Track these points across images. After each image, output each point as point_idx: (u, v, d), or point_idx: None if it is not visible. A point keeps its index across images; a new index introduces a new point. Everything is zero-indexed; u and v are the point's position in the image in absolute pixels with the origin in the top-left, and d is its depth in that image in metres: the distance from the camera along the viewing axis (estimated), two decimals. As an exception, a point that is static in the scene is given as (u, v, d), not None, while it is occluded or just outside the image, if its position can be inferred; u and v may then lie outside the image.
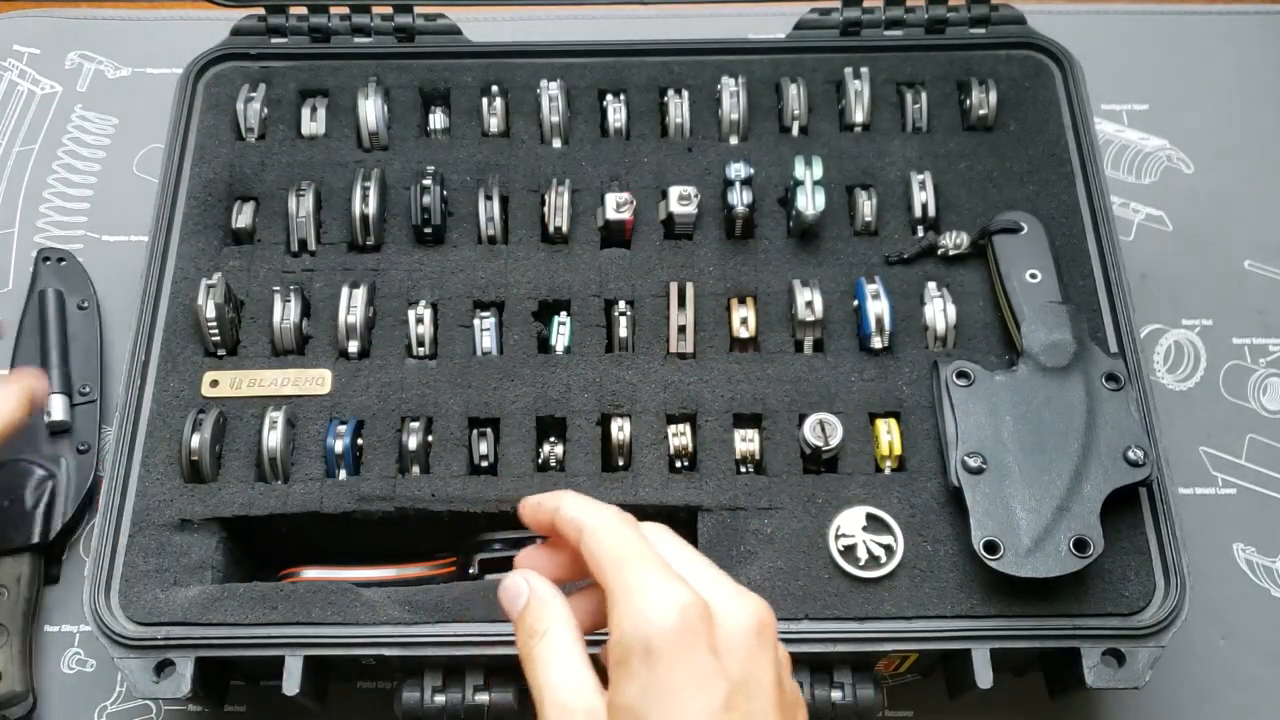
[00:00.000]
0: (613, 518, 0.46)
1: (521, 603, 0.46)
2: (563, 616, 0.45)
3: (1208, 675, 0.65)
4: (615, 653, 0.42)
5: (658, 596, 0.42)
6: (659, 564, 0.43)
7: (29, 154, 0.84)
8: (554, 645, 0.44)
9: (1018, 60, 0.74)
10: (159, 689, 0.56)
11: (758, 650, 0.42)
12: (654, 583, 0.42)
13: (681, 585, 0.42)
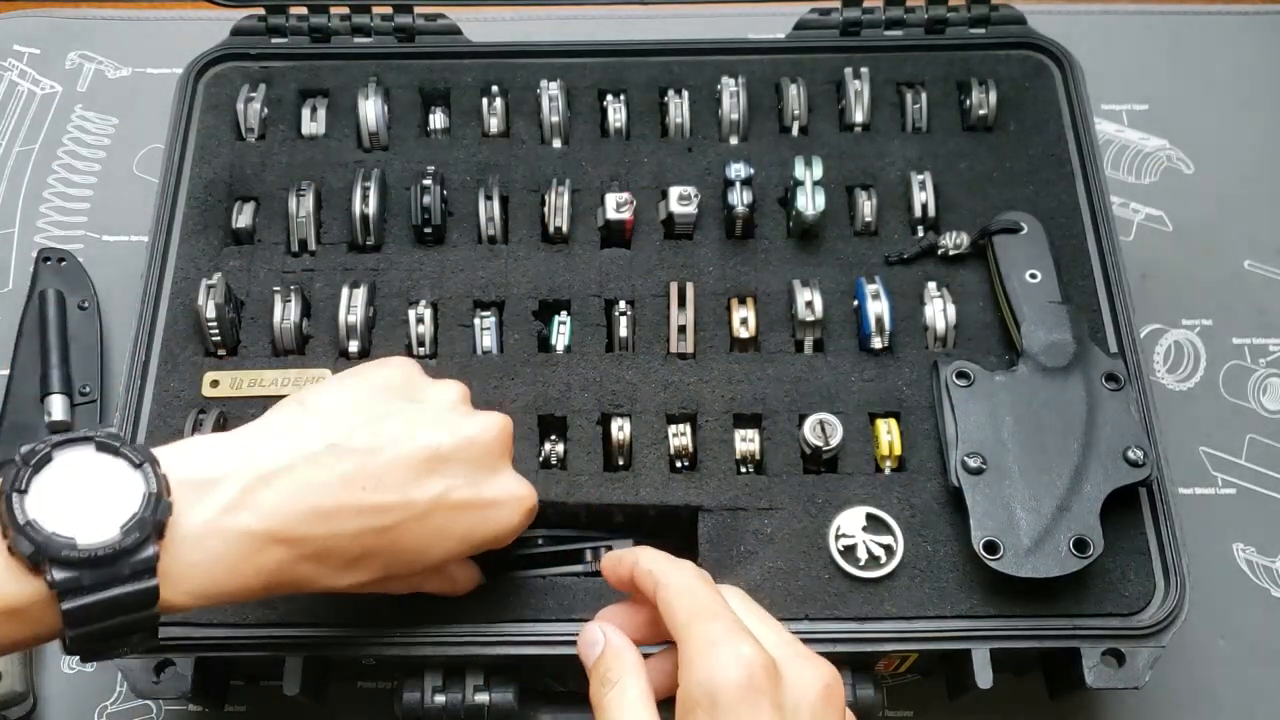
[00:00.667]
0: (689, 574, 0.47)
1: (597, 651, 0.47)
2: (635, 668, 0.46)
3: (1207, 675, 0.65)
4: (682, 705, 0.43)
5: (726, 652, 0.43)
6: (730, 620, 0.44)
7: (29, 154, 0.84)
8: (624, 696, 0.45)
9: (1018, 60, 0.74)
10: (159, 689, 0.56)
11: (823, 712, 0.43)
12: (723, 638, 0.43)
13: (751, 642, 0.43)
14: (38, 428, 0.70)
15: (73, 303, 0.75)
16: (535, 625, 0.57)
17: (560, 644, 0.57)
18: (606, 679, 0.46)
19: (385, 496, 0.48)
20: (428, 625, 0.57)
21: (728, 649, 0.43)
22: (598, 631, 0.48)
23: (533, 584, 0.58)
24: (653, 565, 0.48)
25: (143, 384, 0.63)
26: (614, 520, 0.62)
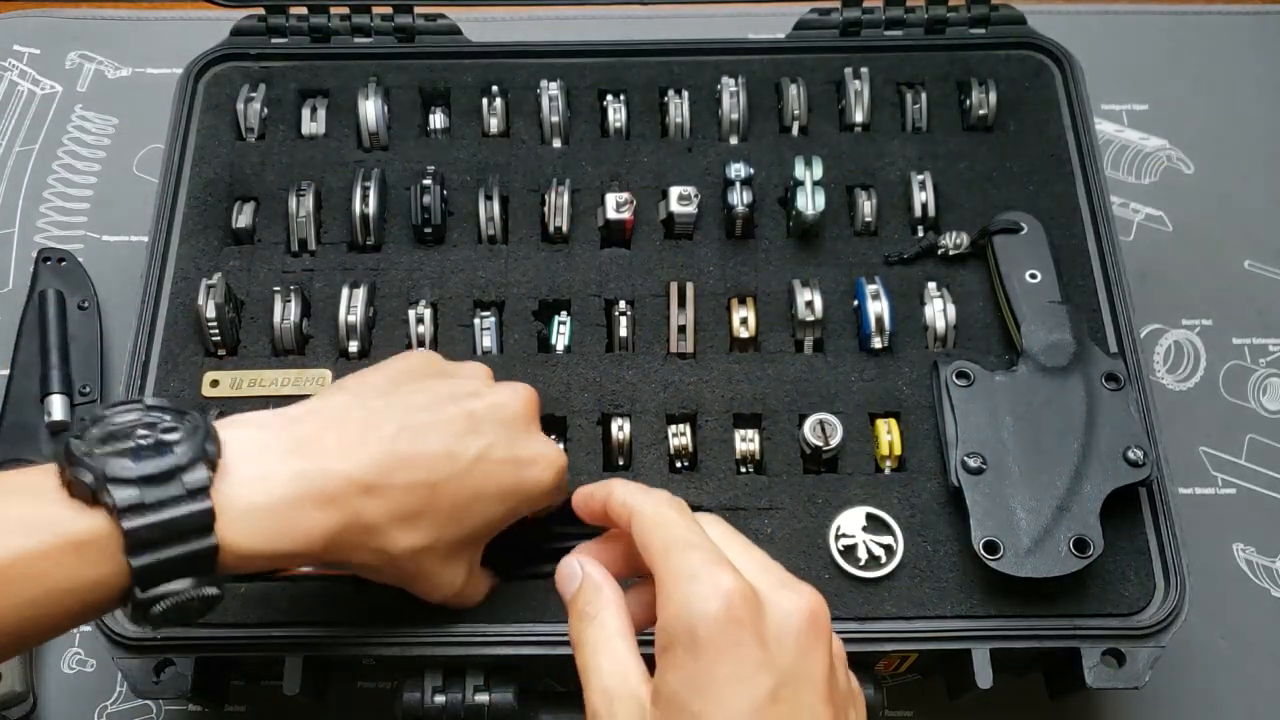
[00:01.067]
0: (663, 502, 0.46)
1: (575, 585, 0.46)
2: (613, 602, 0.45)
3: (1207, 675, 0.65)
4: (660, 639, 0.42)
5: (704, 583, 0.41)
6: (708, 550, 0.43)
7: (29, 154, 0.84)
8: (603, 630, 0.44)
9: (1018, 60, 0.74)
10: (159, 689, 0.56)
11: (809, 642, 0.41)
12: (701, 569, 0.42)
13: (730, 572, 0.41)
14: (38, 428, 0.70)
15: (73, 303, 0.75)
16: (535, 625, 0.57)
17: (560, 644, 0.57)
18: (585, 613, 0.45)
19: (433, 448, 0.50)
20: (428, 625, 0.57)
21: (706, 580, 0.41)
22: (575, 565, 0.47)
23: (533, 584, 0.58)
24: (627, 496, 0.46)
25: (143, 384, 0.63)
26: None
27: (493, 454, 0.51)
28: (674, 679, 0.40)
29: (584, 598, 0.45)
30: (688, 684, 0.40)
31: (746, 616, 0.40)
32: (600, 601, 0.45)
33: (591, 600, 0.45)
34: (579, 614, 0.45)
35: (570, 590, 0.46)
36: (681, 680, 0.40)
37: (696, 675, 0.40)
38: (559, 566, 0.48)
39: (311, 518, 0.46)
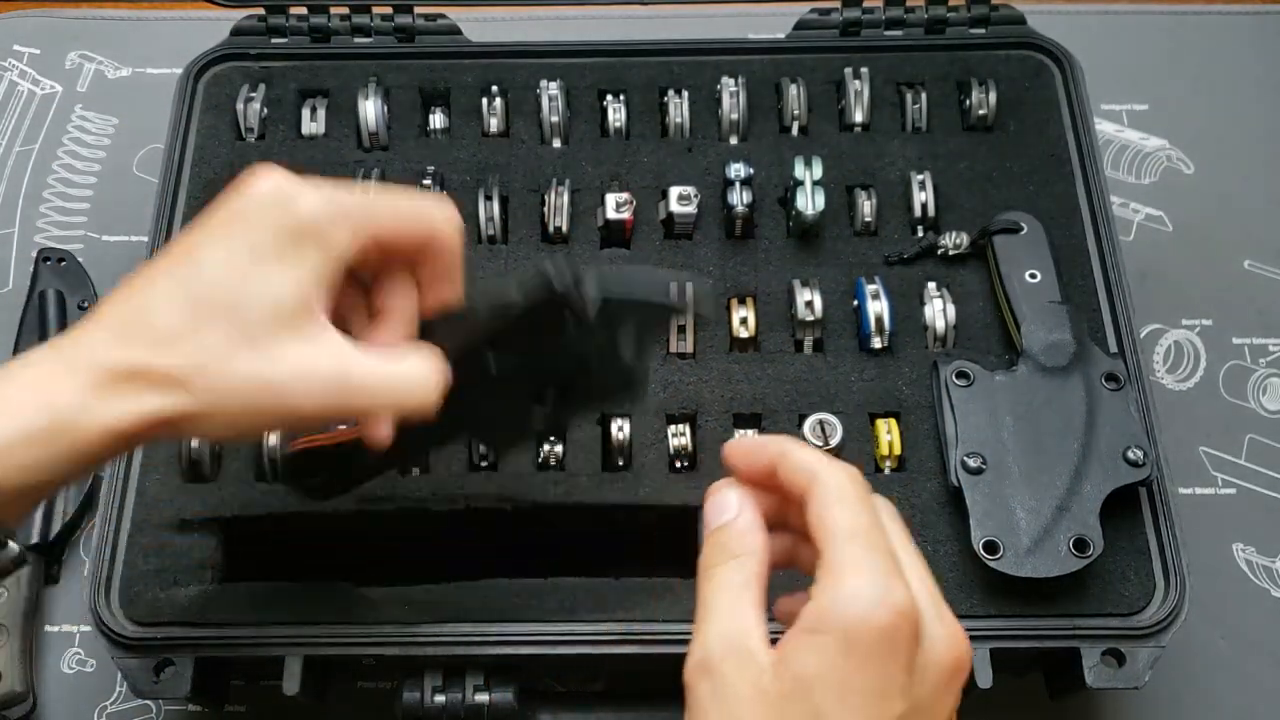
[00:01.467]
0: (849, 479, 0.43)
1: (726, 518, 0.44)
2: (761, 551, 0.43)
3: (1207, 675, 0.65)
4: (812, 620, 0.40)
5: (880, 590, 0.40)
6: (887, 553, 0.41)
7: (29, 154, 0.84)
8: (741, 573, 0.42)
9: (1017, 60, 0.74)
10: (159, 689, 0.56)
11: (949, 684, 0.41)
12: (880, 573, 0.40)
13: (905, 589, 0.40)
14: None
15: (72, 303, 0.75)
16: (535, 625, 0.57)
17: (560, 644, 0.57)
18: (729, 549, 0.43)
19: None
20: (428, 625, 0.57)
21: (881, 587, 0.40)
22: (733, 499, 0.44)
23: (533, 584, 0.58)
24: (808, 462, 0.44)
25: (143, 384, 0.63)
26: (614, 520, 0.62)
27: None
28: (810, 662, 0.39)
29: (735, 535, 0.43)
30: (825, 677, 0.39)
31: (905, 640, 0.40)
32: (749, 545, 0.43)
33: (742, 541, 0.43)
34: (721, 547, 0.43)
35: (719, 520, 0.44)
36: (821, 669, 0.39)
37: (835, 672, 0.39)
38: (712, 491, 0.45)
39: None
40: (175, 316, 0.43)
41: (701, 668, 0.40)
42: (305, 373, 0.44)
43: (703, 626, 0.41)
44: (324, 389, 0.45)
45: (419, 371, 0.47)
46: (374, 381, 0.46)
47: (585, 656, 0.57)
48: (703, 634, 0.41)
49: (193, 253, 0.45)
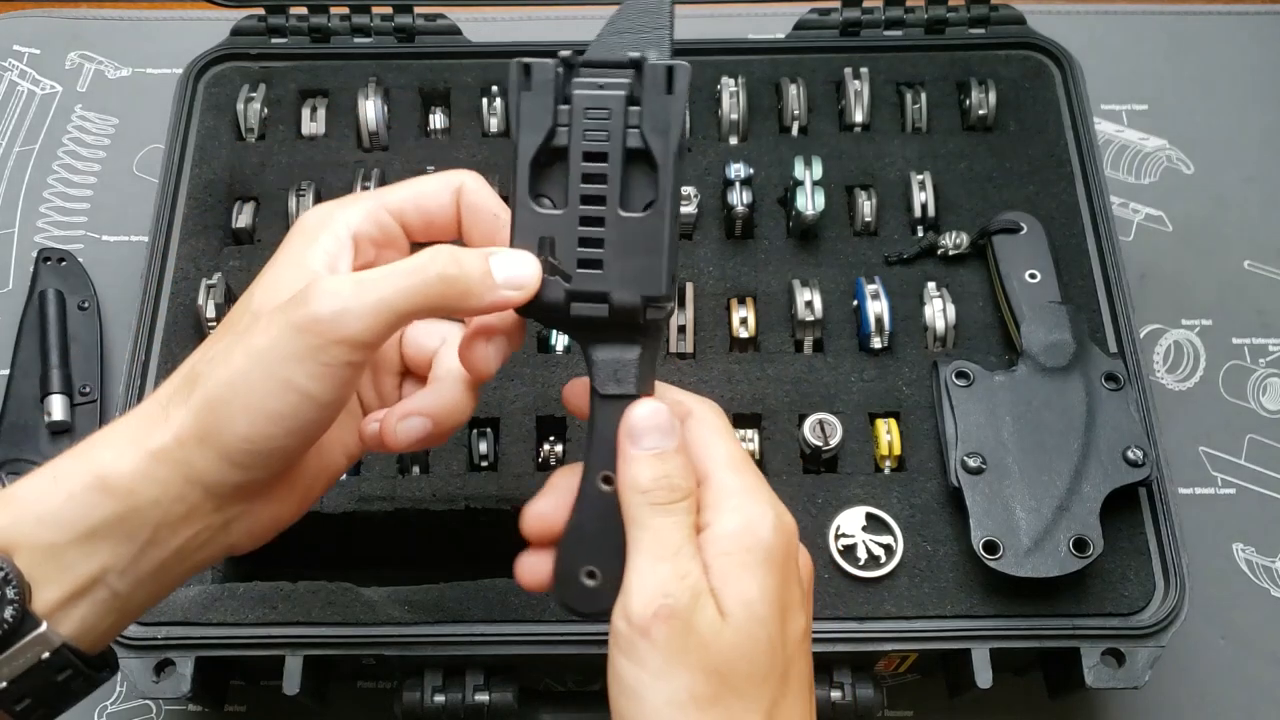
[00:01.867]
0: (718, 413, 0.45)
1: (668, 445, 0.42)
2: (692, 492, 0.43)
3: (1207, 675, 0.66)
4: (728, 545, 0.41)
5: (776, 513, 0.42)
6: (760, 476, 0.43)
7: (29, 154, 0.84)
8: (691, 517, 0.42)
9: (1017, 60, 0.74)
10: (159, 688, 0.56)
11: (808, 590, 0.44)
12: (768, 499, 0.42)
13: (784, 509, 0.43)
14: (38, 428, 0.70)
15: (73, 303, 0.75)
16: (535, 625, 0.57)
17: (560, 643, 0.57)
18: (678, 486, 0.42)
19: None
20: (428, 625, 0.57)
21: (775, 511, 0.42)
22: (670, 421, 0.43)
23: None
24: (680, 396, 0.46)
25: (143, 384, 0.63)
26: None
27: None
28: (750, 588, 0.41)
29: (682, 471, 0.42)
30: (765, 598, 0.41)
31: (795, 553, 0.43)
32: (691, 483, 0.42)
33: (688, 478, 0.42)
34: (670, 484, 0.42)
35: (662, 444, 0.42)
36: (759, 592, 0.41)
37: (769, 593, 0.41)
38: (639, 405, 0.43)
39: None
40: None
41: (667, 614, 0.40)
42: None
43: (659, 568, 0.40)
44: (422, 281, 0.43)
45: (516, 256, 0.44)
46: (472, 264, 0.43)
47: (585, 657, 0.57)
48: (660, 576, 0.40)
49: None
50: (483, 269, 0.42)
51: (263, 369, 0.41)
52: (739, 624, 0.40)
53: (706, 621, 0.40)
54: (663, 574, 0.40)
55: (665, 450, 0.42)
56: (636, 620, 0.40)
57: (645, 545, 0.41)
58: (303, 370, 0.41)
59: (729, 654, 0.40)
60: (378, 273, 0.42)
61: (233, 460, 0.42)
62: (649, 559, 0.41)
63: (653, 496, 0.42)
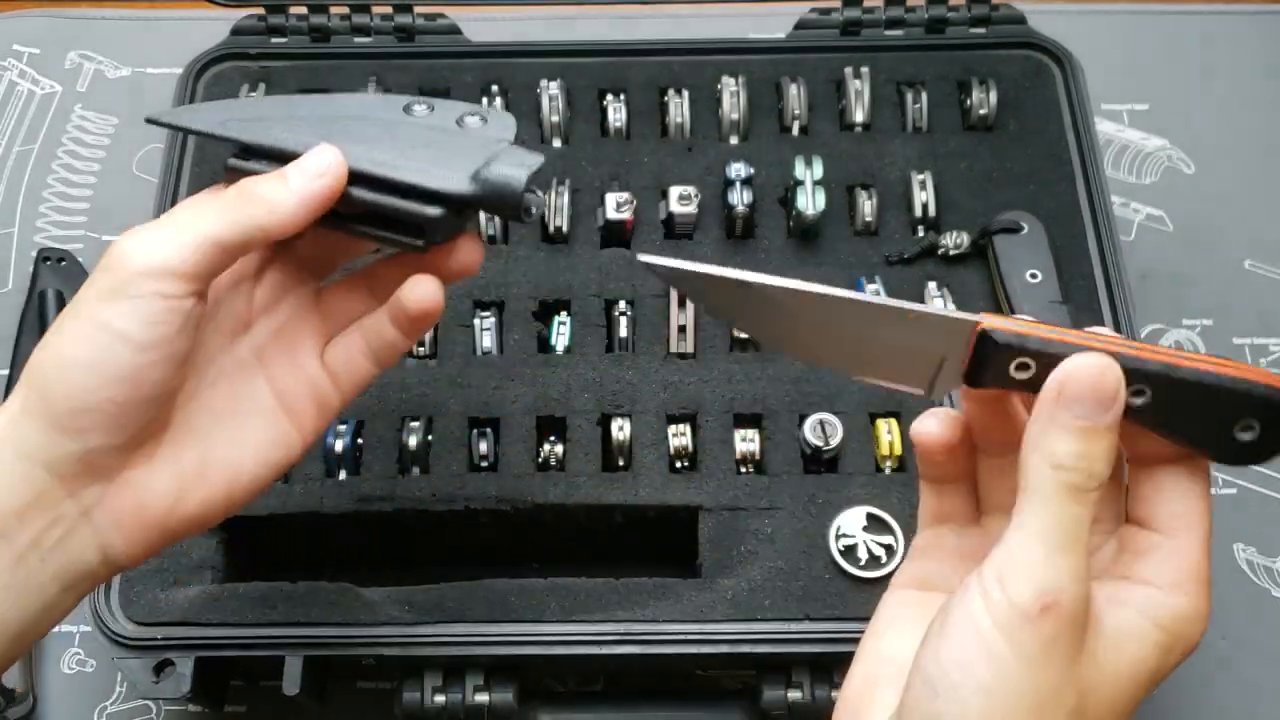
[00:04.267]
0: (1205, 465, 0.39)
1: (1107, 419, 0.36)
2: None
3: (1207, 675, 0.65)
4: (1165, 624, 0.37)
5: (1206, 615, 0.38)
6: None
7: (29, 154, 0.84)
8: (1094, 509, 0.36)
9: (1018, 60, 0.74)
10: (159, 689, 0.56)
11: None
12: (1208, 599, 0.38)
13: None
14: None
15: (72, 303, 0.75)
16: (535, 625, 0.57)
17: (560, 644, 0.57)
18: (1096, 469, 0.36)
19: None
20: (428, 625, 0.57)
21: (1207, 614, 0.38)
22: (1120, 383, 0.36)
23: (533, 584, 0.58)
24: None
25: (142, 384, 0.63)
26: (614, 520, 0.62)
27: None
28: (1150, 665, 0.37)
29: (1107, 453, 0.36)
30: (1144, 678, 0.37)
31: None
32: (1107, 473, 0.36)
33: (1108, 464, 0.36)
34: (1091, 461, 0.36)
35: (1102, 418, 0.36)
36: (1147, 673, 0.37)
37: (1152, 677, 0.37)
38: (1079, 358, 0.36)
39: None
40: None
41: (1058, 613, 0.35)
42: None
43: (1057, 559, 0.35)
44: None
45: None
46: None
47: (585, 657, 0.57)
48: (1057, 568, 0.35)
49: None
50: (280, 175, 0.43)
51: (74, 318, 0.40)
52: (1119, 675, 0.37)
53: (1087, 645, 0.36)
54: (1061, 569, 0.35)
55: (1098, 427, 0.36)
56: (1019, 603, 0.35)
57: (1045, 526, 0.36)
58: (114, 310, 0.40)
59: (1097, 686, 0.36)
60: (184, 206, 0.42)
61: (61, 425, 0.40)
62: (1045, 544, 0.36)
63: (1068, 477, 0.36)
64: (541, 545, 0.63)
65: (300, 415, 0.47)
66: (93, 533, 0.42)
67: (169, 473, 0.43)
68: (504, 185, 0.44)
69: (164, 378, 0.41)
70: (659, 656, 0.57)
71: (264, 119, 0.46)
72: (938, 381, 0.40)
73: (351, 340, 0.48)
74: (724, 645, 0.57)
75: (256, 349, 0.47)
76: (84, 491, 0.41)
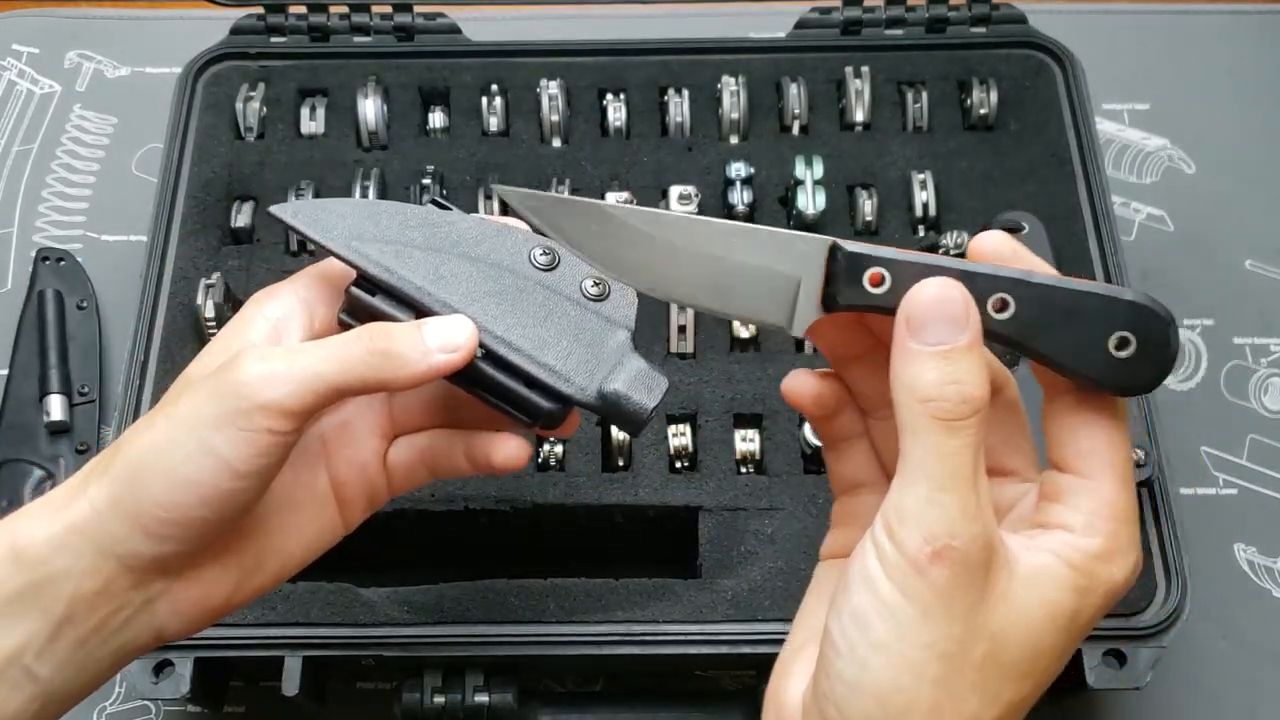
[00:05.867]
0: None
1: (962, 341, 0.35)
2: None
3: (1208, 676, 0.65)
4: (1083, 568, 0.36)
5: (1135, 560, 0.37)
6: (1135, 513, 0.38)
7: (28, 154, 0.84)
8: (979, 442, 0.35)
9: (1018, 59, 0.74)
10: (158, 689, 0.56)
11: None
12: (1137, 543, 0.37)
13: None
14: (37, 428, 0.70)
15: (71, 302, 0.75)
16: (535, 626, 0.57)
17: (560, 644, 0.57)
18: (970, 398, 0.35)
19: None
20: (427, 626, 0.57)
21: (1134, 554, 0.37)
22: (969, 306, 0.35)
23: (532, 585, 0.58)
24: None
25: (141, 384, 0.63)
26: (614, 520, 0.62)
27: None
28: (1066, 605, 0.36)
29: (980, 384, 0.35)
30: (1075, 624, 0.36)
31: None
32: (984, 399, 0.35)
33: (983, 393, 0.35)
34: (962, 395, 0.34)
35: (957, 339, 0.35)
36: (1077, 618, 0.36)
37: (1084, 620, 0.36)
38: (924, 286, 0.36)
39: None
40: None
41: (952, 560, 0.34)
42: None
43: (942, 498, 0.34)
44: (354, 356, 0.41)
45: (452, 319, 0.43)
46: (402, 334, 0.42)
47: (585, 658, 0.57)
48: (944, 510, 0.34)
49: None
50: (414, 334, 0.41)
51: (183, 433, 0.39)
52: (1032, 619, 0.35)
53: (997, 589, 0.35)
54: (948, 508, 0.34)
55: (956, 347, 0.35)
56: (910, 552, 0.34)
57: (924, 465, 0.34)
58: (222, 436, 0.39)
59: (1009, 631, 0.35)
60: (313, 344, 0.41)
61: (147, 530, 0.40)
62: (928, 483, 0.34)
63: (937, 408, 0.34)
64: (541, 546, 0.63)
65: (350, 507, 0.47)
66: (151, 618, 0.42)
67: (232, 568, 0.44)
68: (631, 409, 0.44)
69: (254, 500, 0.42)
70: (659, 657, 0.57)
71: (381, 240, 0.44)
72: (796, 313, 0.40)
73: (416, 450, 0.48)
74: (724, 646, 0.57)
75: (323, 438, 0.46)
76: (151, 586, 0.42)
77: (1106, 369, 0.37)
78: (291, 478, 0.45)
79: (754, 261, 0.40)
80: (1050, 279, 0.37)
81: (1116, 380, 0.37)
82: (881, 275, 0.37)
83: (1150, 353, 0.37)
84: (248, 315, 0.44)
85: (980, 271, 0.37)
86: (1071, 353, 0.37)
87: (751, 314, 0.41)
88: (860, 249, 0.38)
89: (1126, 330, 0.36)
